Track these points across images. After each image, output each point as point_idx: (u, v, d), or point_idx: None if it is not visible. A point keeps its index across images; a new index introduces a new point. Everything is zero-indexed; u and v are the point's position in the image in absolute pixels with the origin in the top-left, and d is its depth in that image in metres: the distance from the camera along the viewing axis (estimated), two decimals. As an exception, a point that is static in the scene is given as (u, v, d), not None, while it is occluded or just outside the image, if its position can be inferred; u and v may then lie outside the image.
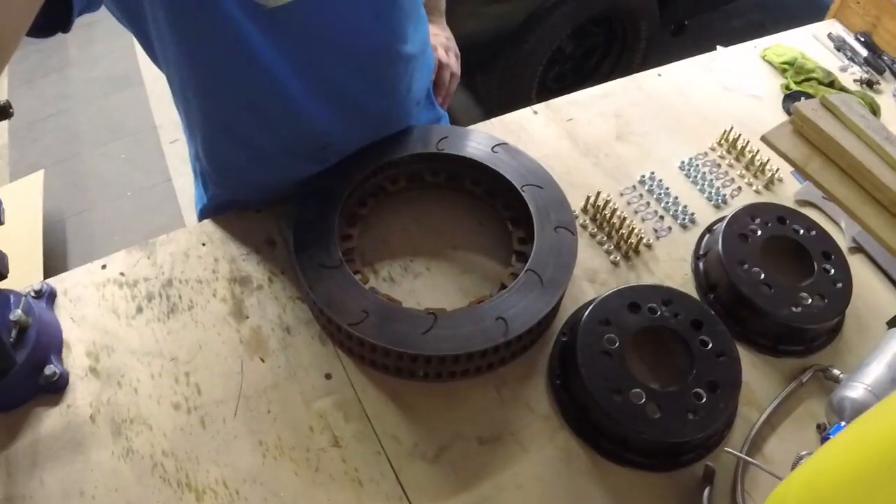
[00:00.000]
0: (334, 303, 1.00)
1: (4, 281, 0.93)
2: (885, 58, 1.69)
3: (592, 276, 1.18)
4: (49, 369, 0.98)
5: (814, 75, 1.58)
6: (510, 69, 2.95)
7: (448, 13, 1.53)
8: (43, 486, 0.91)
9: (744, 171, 1.36)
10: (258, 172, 1.21)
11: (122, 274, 1.13)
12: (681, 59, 1.63)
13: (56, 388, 0.99)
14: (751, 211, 1.18)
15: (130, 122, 3.63)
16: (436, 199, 1.26)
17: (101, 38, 4.08)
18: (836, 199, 1.13)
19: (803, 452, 0.92)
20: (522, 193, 1.15)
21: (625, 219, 1.23)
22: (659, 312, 1.03)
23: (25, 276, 2.45)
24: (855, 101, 1.24)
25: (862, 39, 1.74)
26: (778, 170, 1.35)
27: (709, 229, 1.25)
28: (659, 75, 1.57)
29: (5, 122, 1.01)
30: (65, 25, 0.82)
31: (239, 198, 1.26)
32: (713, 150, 1.41)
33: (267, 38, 0.96)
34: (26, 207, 2.76)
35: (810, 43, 1.72)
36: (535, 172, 1.19)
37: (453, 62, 1.48)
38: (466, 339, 0.98)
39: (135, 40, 1.05)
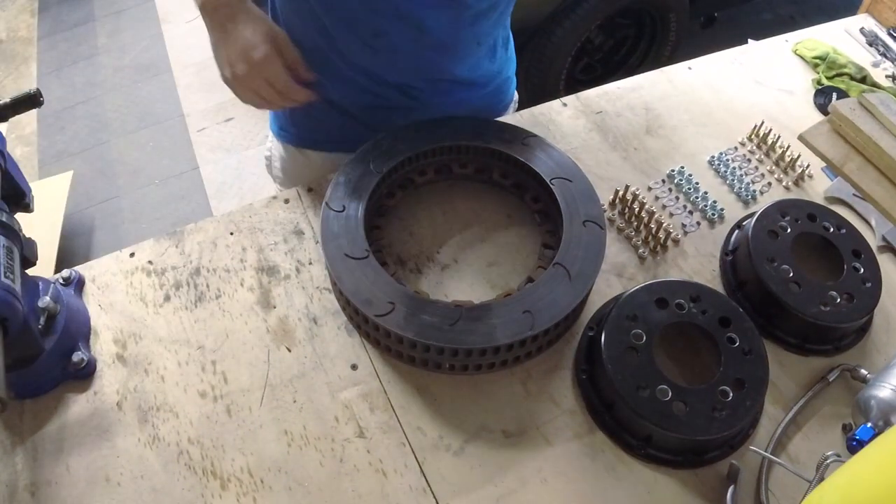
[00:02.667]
0: (361, 294, 1.00)
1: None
2: (919, 53, 1.67)
3: (620, 271, 1.17)
4: (77, 356, 0.99)
5: (846, 70, 1.56)
6: (538, 60, 2.93)
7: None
8: (69, 472, 0.93)
9: (774, 167, 1.35)
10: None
11: (150, 262, 1.14)
12: (710, 52, 1.62)
13: (83, 375, 1.00)
14: (780, 207, 1.17)
15: (158, 111, 3.65)
16: (464, 191, 1.26)
17: (129, 26, 4.10)
18: (873, 200, 1.12)
19: (829, 453, 0.91)
20: (552, 186, 1.15)
21: (653, 213, 1.22)
22: (686, 308, 1.03)
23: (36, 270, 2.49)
24: (893, 100, 1.23)
25: (894, 35, 1.72)
26: (808, 166, 1.33)
27: (738, 225, 1.24)
28: (689, 68, 1.56)
29: (34, 110, 1.02)
30: None
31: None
32: (743, 144, 1.39)
33: None
34: (49, 208, 2.78)
35: (842, 37, 1.70)
36: (564, 165, 1.19)
37: None
38: (493, 332, 0.97)
39: (163, 29, 1.07)
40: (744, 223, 1.22)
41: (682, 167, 1.33)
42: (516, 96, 1.59)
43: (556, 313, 1.00)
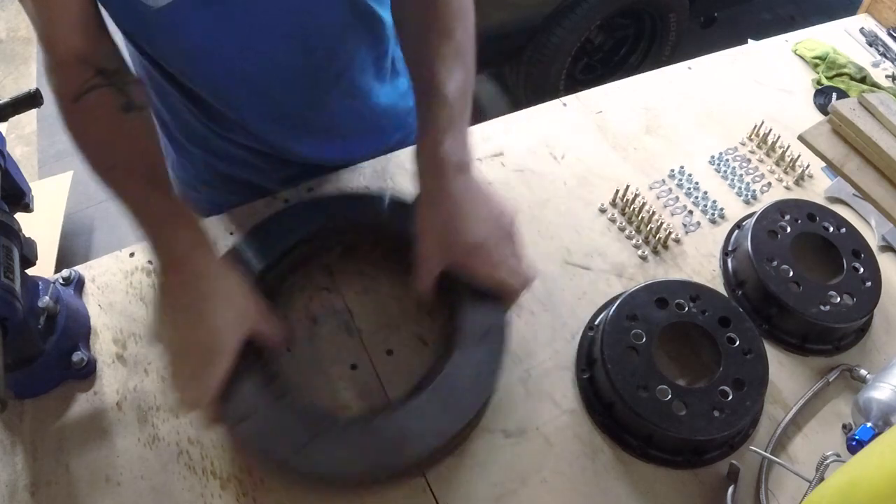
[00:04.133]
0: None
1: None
2: (919, 53, 1.67)
3: (620, 271, 1.17)
4: (77, 356, 0.98)
5: (846, 70, 1.56)
6: (538, 60, 2.93)
7: (475, 3, 1.36)
8: (69, 472, 0.92)
9: (774, 167, 1.35)
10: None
11: (150, 262, 1.14)
12: (710, 52, 1.61)
13: (83, 375, 1.00)
14: (780, 207, 1.17)
15: (158, 110, 3.65)
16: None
17: (129, 25, 4.09)
18: (873, 200, 1.12)
19: (829, 453, 0.91)
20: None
21: (654, 213, 1.22)
22: (686, 308, 1.03)
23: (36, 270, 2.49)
24: (893, 101, 1.23)
25: (894, 35, 1.72)
26: (808, 165, 1.34)
27: (738, 225, 1.24)
28: (689, 68, 1.55)
29: (34, 110, 1.03)
30: None
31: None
32: (743, 144, 1.39)
33: None
34: (49, 208, 2.78)
35: (842, 38, 1.70)
36: None
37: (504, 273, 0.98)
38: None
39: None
40: (744, 223, 1.22)
41: (683, 167, 1.33)
42: None
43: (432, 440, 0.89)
